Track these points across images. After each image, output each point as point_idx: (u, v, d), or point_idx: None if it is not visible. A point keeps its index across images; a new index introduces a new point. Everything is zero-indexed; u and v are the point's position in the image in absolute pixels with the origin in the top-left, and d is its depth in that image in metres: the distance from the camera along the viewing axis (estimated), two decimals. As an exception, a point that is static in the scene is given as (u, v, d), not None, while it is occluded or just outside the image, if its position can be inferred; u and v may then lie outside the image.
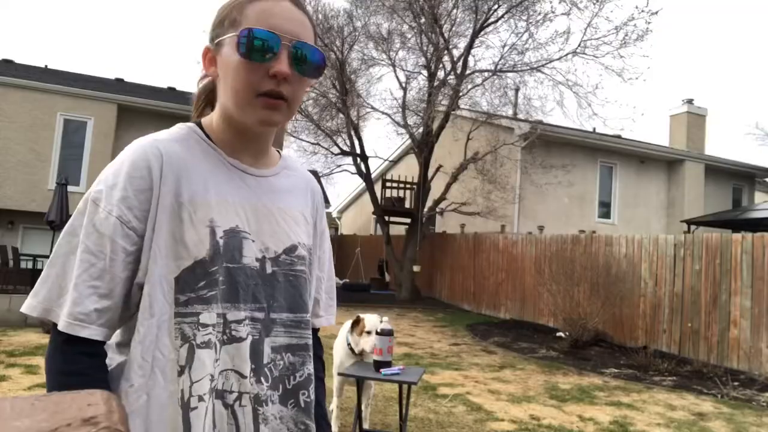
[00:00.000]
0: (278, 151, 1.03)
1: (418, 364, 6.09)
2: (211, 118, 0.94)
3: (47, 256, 10.00)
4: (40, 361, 5.34)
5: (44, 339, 6.44)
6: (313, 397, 0.94)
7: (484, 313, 11.52)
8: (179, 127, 0.94)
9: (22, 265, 10.47)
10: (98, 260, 0.80)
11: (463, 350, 7.42)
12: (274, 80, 0.84)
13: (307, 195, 1.03)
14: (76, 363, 0.79)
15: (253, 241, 0.89)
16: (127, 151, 0.86)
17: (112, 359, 0.85)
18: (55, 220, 9.08)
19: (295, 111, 0.91)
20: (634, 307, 8.02)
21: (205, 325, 0.83)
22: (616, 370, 6.55)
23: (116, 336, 0.86)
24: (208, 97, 0.99)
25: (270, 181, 0.95)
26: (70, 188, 10.23)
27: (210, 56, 0.91)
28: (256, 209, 0.91)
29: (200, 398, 0.82)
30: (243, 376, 0.85)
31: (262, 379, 0.87)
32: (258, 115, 0.86)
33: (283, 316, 0.91)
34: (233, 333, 0.85)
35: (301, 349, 0.93)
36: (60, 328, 0.78)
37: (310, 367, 0.94)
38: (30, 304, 0.81)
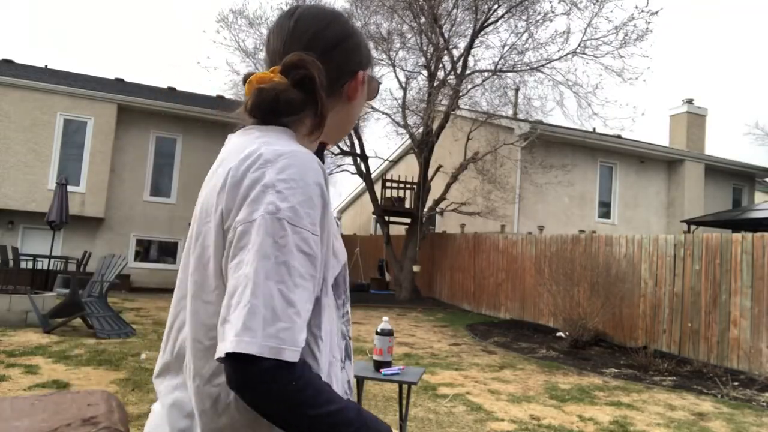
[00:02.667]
0: None
1: (418, 364, 6.09)
2: (303, 136, 0.92)
3: (47, 256, 10.04)
4: (39, 361, 5.34)
5: (44, 339, 6.45)
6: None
7: (484, 313, 11.52)
8: (301, 145, 0.91)
9: (22, 265, 10.46)
10: (309, 283, 0.77)
11: (463, 350, 7.42)
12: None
13: None
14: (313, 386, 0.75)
15: None
16: (304, 164, 0.81)
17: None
18: (56, 220, 9.08)
19: None
20: (634, 307, 8.02)
21: (348, 320, 0.96)
22: (616, 370, 6.55)
23: None
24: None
25: None
26: (70, 188, 10.23)
27: (362, 88, 1.01)
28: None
29: (349, 383, 0.95)
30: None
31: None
32: (336, 141, 1.06)
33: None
34: (347, 325, 0.97)
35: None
36: (291, 359, 0.71)
37: None
38: (246, 342, 0.69)
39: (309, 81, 0.88)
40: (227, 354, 0.70)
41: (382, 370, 3.27)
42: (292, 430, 0.73)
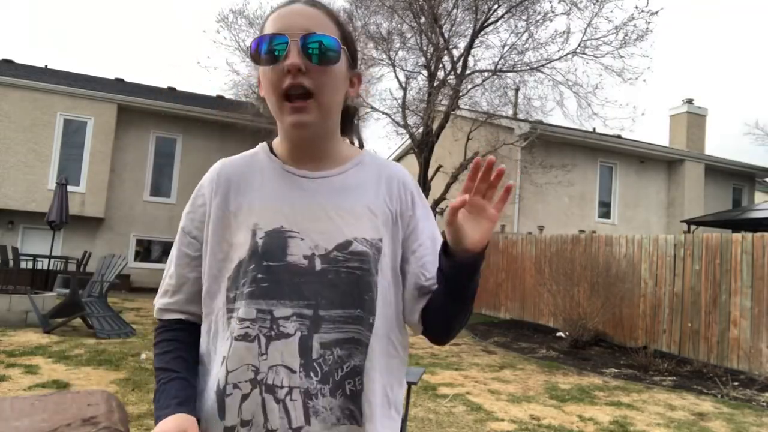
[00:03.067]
0: (362, 145, 1.10)
1: (418, 364, 6.09)
2: (279, 136, 1.04)
3: (47, 256, 10.04)
4: (40, 361, 5.34)
5: (44, 339, 6.45)
6: (359, 386, 0.91)
7: (484, 313, 11.52)
8: (257, 147, 1.07)
9: (22, 265, 10.46)
10: (171, 263, 1.03)
11: (463, 350, 7.42)
12: (290, 75, 0.89)
13: (380, 187, 1.01)
14: (158, 336, 1.02)
15: (302, 239, 0.93)
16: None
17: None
18: (56, 220, 9.08)
19: (327, 106, 0.94)
20: (634, 307, 8.02)
21: (243, 320, 0.90)
22: (616, 370, 6.55)
23: None
24: None
25: (331, 181, 0.98)
26: (70, 188, 10.23)
27: (260, 80, 0.99)
28: (309, 209, 0.95)
29: (235, 386, 0.90)
30: (292, 371, 0.88)
31: (312, 374, 0.89)
32: (289, 120, 0.92)
33: (332, 312, 0.91)
34: (281, 329, 0.89)
35: (348, 343, 0.91)
36: (154, 314, 1.03)
37: (357, 359, 0.92)
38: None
39: None
40: None
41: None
42: None
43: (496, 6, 12.14)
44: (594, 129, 14.78)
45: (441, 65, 12.74)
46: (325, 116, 0.95)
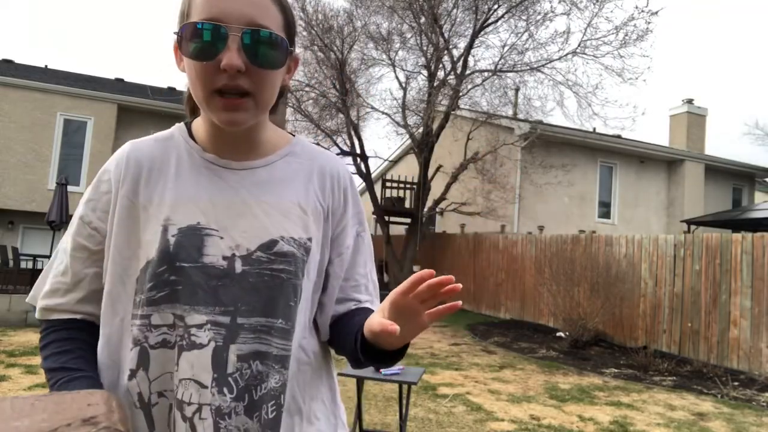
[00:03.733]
0: (292, 134, 0.97)
1: (418, 364, 6.09)
2: (200, 118, 0.91)
3: (47, 256, 10.02)
4: (40, 361, 5.34)
5: (44, 339, 6.45)
6: (280, 407, 0.83)
7: (484, 313, 11.52)
8: (173, 128, 0.94)
9: (22, 265, 10.46)
10: (65, 257, 0.88)
11: (463, 350, 7.42)
12: (225, 74, 0.77)
13: (311, 180, 0.91)
14: (47, 337, 0.88)
15: (222, 238, 0.82)
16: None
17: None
18: (56, 220, 9.08)
19: (265, 105, 0.83)
20: (634, 307, 8.02)
21: (158, 326, 0.80)
22: (616, 370, 6.55)
23: None
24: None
25: (256, 173, 0.88)
26: (70, 188, 10.22)
27: (178, 54, 0.84)
28: (231, 204, 0.84)
29: (160, 394, 0.80)
30: (203, 386, 0.78)
31: (225, 390, 0.79)
32: (219, 117, 0.80)
33: (253, 320, 0.81)
34: (192, 338, 0.78)
35: (268, 359, 0.82)
36: (36, 315, 0.89)
37: (276, 379, 0.83)
38: (30, 294, 0.92)
39: None
40: None
41: (382, 370, 3.27)
42: None
43: (496, 6, 12.15)
44: (594, 129, 14.78)
45: (441, 65, 12.74)
46: (261, 114, 0.84)
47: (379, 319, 0.74)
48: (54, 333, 0.86)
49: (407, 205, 14.58)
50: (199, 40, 0.77)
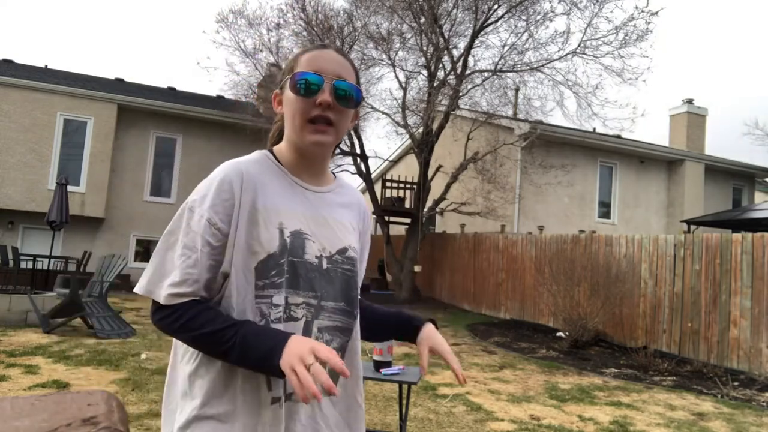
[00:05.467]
0: (333, 174, 1.28)
1: (418, 364, 6.08)
2: (281, 147, 1.18)
3: (47, 256, 10.02)
4: (40, 361, 5.34)
5: (44, 339, 6.45)
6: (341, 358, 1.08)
7: (484, 313, 11.52)
8: (256, 153, 1.17)
9: (22, 265, 10.46)
10: (193, 253, 1.03)
11: (463, 350, 7.42)
12: (320, 108, 1.08)
13: (359, 211, 1.28)
14: (187, 313, 1.02)
15: (314, 242, 1.11)
16: (217, 171, 1.08)
17: None
18: (56, 220, 9.07)
19: (341, 135, 1.15)
20: (634, 307, 8.02)
21: (277, 305, 1.05)
22: (616, 370, 6.55)
23: None
24: (281, 134, 1.22)
25: (327, 197, 1.19)
26: (70, 188, 10.22)
27: (278, 99, 1.18)
28: (316, 218, 1.14)
29: None
30: None
31: None
32: (310, 138, 1.09)
33: (331, 304, 1.11)
34: (291, 313, 1.06)
35: (339, 331, 1.13)
36: (163, 302, 1.02)
37: (339, 341, 1.14)
38: (139, 286, 1.06)
39: None
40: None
41: (382, 370, 3.28)
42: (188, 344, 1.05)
43: (496, 6, 12.15)
44: (594, 129, 14.79)
45: (441, 65, 12.74)
46: (336, 142, 1.15)
47: (453, 363, 1.26)
48: (191, 310, 1.02)
49: (407, 205, 14.58)
50: (304, 82, 1.09)
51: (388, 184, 14.83)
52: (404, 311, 1.33)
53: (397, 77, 13.53)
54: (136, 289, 1.07)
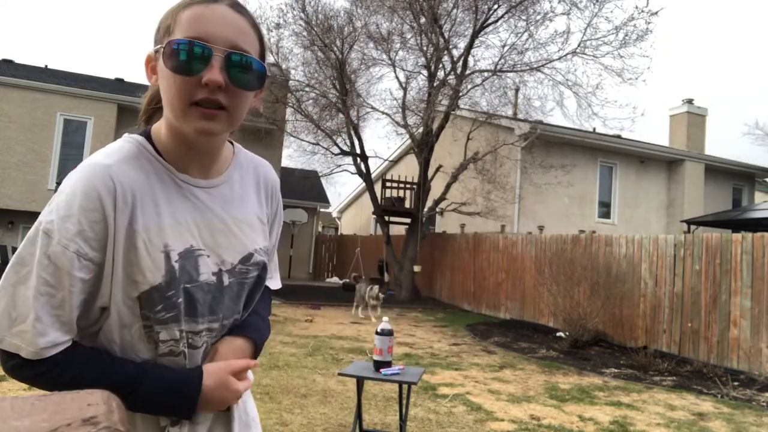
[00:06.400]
0: (231, 143, 1.03)
1: (418, 364, 6.09)
2: (160, 128, 0.92)
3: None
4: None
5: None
6: None
7: (484, 313, 11.52)
8: (129, 143, 0.91)
9: (22, 265, 10.46)
10: (57, 291, 0.81)
11: (463, 350, 7.42)
12: (206, 89, 0.82)
13: (260, 192, 1.05)
14: (66, 372, 0.83)
15: (209, 256, 0.92)
16: (78, 179, 0.83)
17: None
18: (55, 220, 9.08)
19: (237, 121, 0.89)
20: (634, 307, 8.02)
21: (165, 341, 0.88)
22: (616, 370, 6.55)
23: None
24: (158, 104, 0.95)
25: (221, 191, 0.97)
26: (70, 188, 10.21)
27: (152, 65, 0.90)
28: (211, 225, 0.94)
29: None
30: None
31: None
32: (195, 125, 0.84)
33: (230, 321, 0.97)
34: (190, 342, 0.91)
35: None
36: (31, 357, 0.80)
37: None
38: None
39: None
40: None
41: (382, 370, 3.28)
42: None
43: (496, 6, 12.16)
44: (594, 129, 14.79)
45: (441, 65, 12.75)
46: (230, 128, 0.90)
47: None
48: (75, 359, 0.84)
49: (407, 205, 14.58)
50: (185, 56, 0.82)
51: (388, 184, 14.84)
52: (249, 326, 1.02)
53: (397, 77, 13.55)
54: None
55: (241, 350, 0.97)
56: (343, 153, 14.29)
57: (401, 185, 14.86)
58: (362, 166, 14.06)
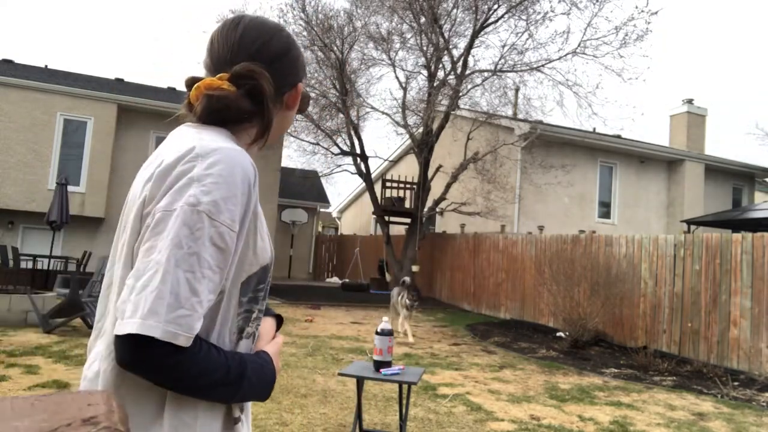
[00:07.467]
0: None
1: (418, 364, 6.09)
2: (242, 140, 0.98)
3: (47, 256, 10.03)
4: (40, 361, 5.34)
5: (44, 339, 6.44)
6: None
7: (484, 313, 11.52)
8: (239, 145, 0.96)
9: (22, 265, 10.47)
10: (216, 274, 0.81)
11: (463, 350, 7.42)
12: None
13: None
14: (202, 350, 0.82)
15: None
16: (230, 162, 0.84)
17: None
18: (56, 220, 9.08)
19: None
20: (634, 307, 8.02)
21: (256, 320, 0.95)
22: (616, 370, 6.55)
23: None
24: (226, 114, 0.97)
25: None
26: (70, 188, 10.23)
27: (293, 99, 1.05)
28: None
29: None
30: None
31: None
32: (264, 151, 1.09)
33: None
34: (258, 324, 0.97)
35: None
36: (182, 344, 0.76)
37: None
38: (150, 325, 0.74)
39: (259, 91, 0.93)
40: (128, 334, 0.75)
41: (382, 370, 3.28)
42: (183, 393, 0.81)
43: (496, 6, 12.16)
44: (594, 129, 14.79)
45: (441, 65, 12.75)
46: None
47: None
48: (203, 349, 0.81)
49: (407, 205, 14.59)
50: (308, 104, 1.05)
51: (388, 184, 14.84)
52: None
53: (397, 77, 13.56)
54: (146, 330, 0.74)
55: (273, 328, 1.04)
56: (343, 153, 14.29)
57: (401, 185, 14.86)
58: (362, 166, 14.06)
